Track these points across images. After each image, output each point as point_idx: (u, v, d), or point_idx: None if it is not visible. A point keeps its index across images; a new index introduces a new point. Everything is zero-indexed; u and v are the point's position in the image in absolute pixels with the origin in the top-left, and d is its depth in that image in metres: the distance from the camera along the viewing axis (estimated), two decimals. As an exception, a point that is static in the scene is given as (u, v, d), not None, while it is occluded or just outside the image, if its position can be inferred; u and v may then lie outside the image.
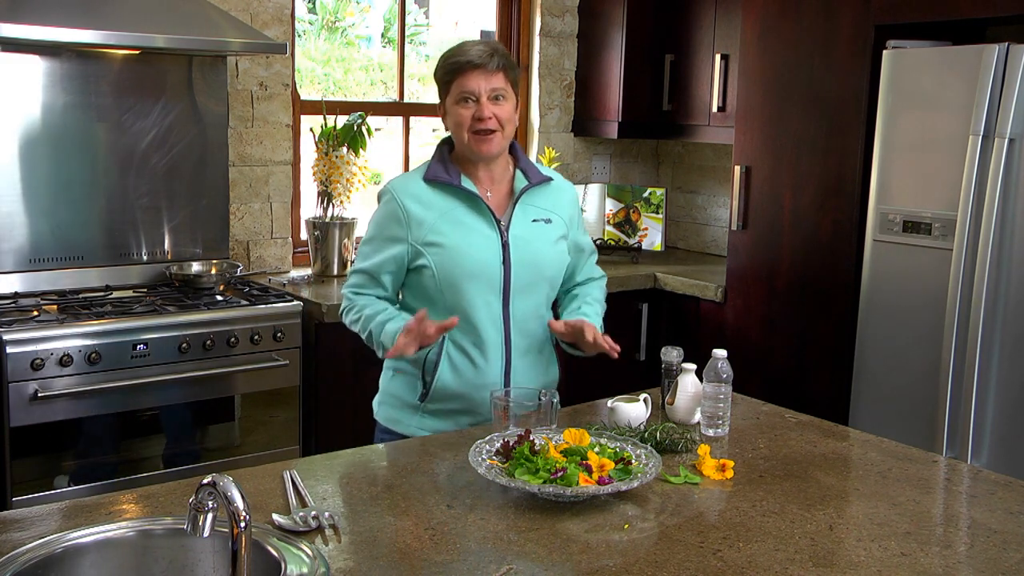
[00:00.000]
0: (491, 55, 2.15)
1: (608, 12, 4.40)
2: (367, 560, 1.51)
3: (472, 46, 2.17)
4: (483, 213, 2.20)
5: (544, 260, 2.25)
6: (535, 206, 2.26)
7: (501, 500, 1.74)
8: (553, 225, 2.28)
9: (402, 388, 2.28)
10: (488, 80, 2.15)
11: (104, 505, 1.68)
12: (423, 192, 2.20)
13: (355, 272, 2.28)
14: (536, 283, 2.24)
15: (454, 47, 2.21)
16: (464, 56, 2.15)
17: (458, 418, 2.23)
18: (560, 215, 2.30)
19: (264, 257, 3.81)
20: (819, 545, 1.61)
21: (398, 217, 2.19)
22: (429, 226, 2.17)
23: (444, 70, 2.19)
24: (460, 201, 2.20)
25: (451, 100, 2.19)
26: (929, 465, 2.02)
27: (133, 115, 3.41)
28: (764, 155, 3.63)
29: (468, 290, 2.16)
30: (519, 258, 2.20)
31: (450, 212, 2.19)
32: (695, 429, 2.14)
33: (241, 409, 3.17)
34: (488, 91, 2.15)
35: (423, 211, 2.18)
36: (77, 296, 3.25)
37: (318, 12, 4.76)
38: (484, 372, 2.21)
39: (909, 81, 3.10)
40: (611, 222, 4.52)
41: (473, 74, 2.14)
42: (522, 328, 2.23)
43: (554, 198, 2.31)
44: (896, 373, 3.18)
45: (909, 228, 3.12)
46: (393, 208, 2.20)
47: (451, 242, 2.17)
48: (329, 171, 3.68)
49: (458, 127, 2.18)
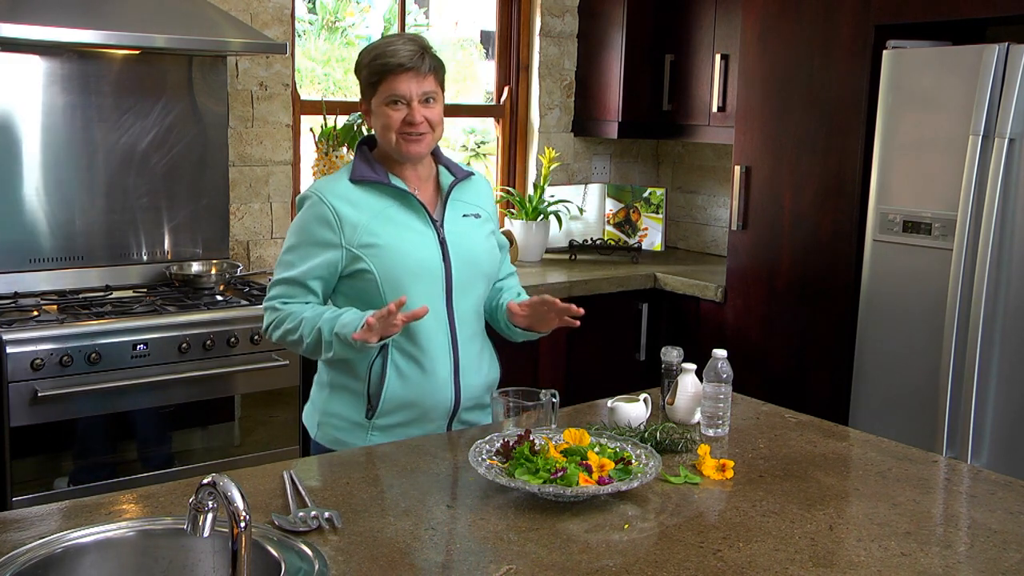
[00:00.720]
0: (422, 56, 2.07)
1: (608, 12, 4.40)
2: (367, 560, 1.51)
3: (401, 45, 2.07)
4: (416, 210, 2.14)
5: (481, 255, 2.22)
6: (462, 201, 2.22)
7: (501, 500, 1.74)
8: (482, 220, 2.25)
9: (344, 406, 2.17)
10: (419, 83, 2.08)
11: (104, 505, 1.68)
12: (351, 193, 2.11)
13: (277, 283, 2.14)
14: (476, 279, 2.21)
15: (378, 44, 2.11)
16: (394, 58, 2.06)
17: (408, 430, 2.14)
18: (486, 209, 2.28)
19: (264, 257, 3.81)
20: (819, 545, 1.61)
21: (327, 220, 2.08)
22: (363, 227, 2.09)
23: (371, 70, 2.09)
24: (391, 200, 2.13)
25: (378, 100, 2.09)
26: (929, 465, 2.02)
27: (133, 115, 3.41)
28: (764, 155, 3.63)
29: (412, 290, 2.07)
30: (458, 254, 2.15)
31: (382, 212, 2.11)
32: (695, 429, 2.14)
33: (241, 409, 3.17)
34: (419, 95, 2.08)
35: (354, 212, 2.09)
36: (77, 296, 3.25)
37: (318, 12, 4.76)
38: (433, 376, 2.14)
39: (909, 81, 3.10)
40: (611, 222, 4.52)
41: (404, 77, 2.06)
42: (466, 327, 2.18)
43: (477, 193, 2.27)
44: (896, 373, 3.18)
45: (909, 228, 3.12)
46: (321, 211, 2.09)
47: (388, 242, 2.09)
48: (329, 171, 3.68)
49: (386, 129, 2.10)
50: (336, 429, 2.18)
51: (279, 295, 2.14)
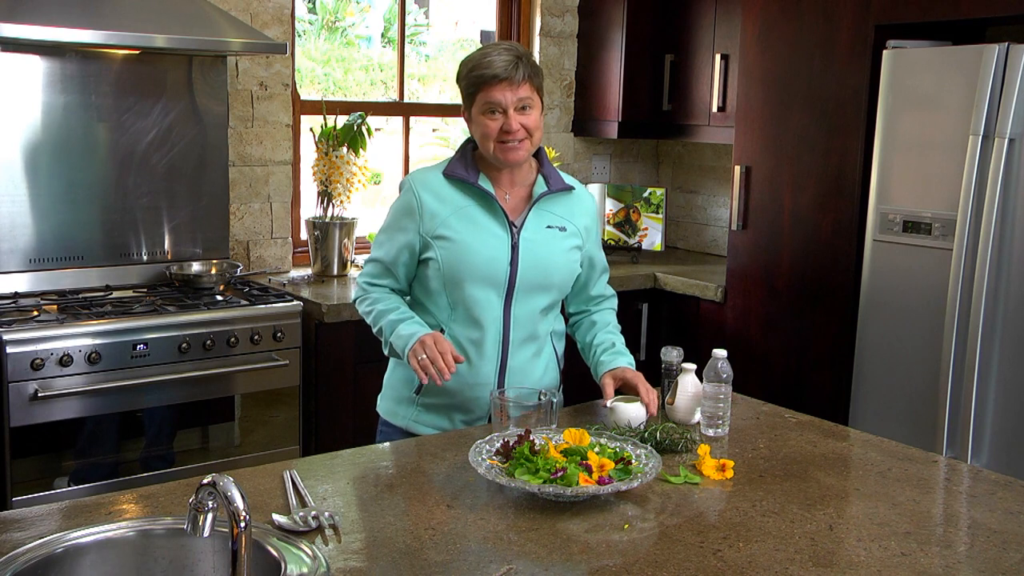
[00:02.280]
0: (516, 66, 2.11)
1: (608, 12, 4.40)
2: (367, 560, 1.51)
3: (497, 56, 2.11)
4: (496, 214, 2.20)
5: (553, 266, 2.24)
6: (551, 212, 2.25)
7: (501, 500, 1.74)
8: (567, 233, 2.27)
9: (400, 381, 2.31)
10: (515, 91, 2.12)
11: (104, 505, 1.68)
12: (440, 186, 2.21)
13: (371, 261, 2.29)
14: (542, 287, 2.24)
15: (477, 55, 2.16)
16: (490, 69, 2.11)
17: (451, 413, 2.25)
18: (576, 225, 2.29)
19: (264, 257, 3.81)
20: (819, 545, 1.61)
21: (412, 207, 2.20)
22: (441, 220, 2.18)
23: (468, 81, 2.15)
24: (475, 200, 2.21)
25: (477, 110, 2.16)
26: (929, 465, 2.02)
27: (133, 115, 3.41)
28: (764, 155, 3.63)
29: (472, 287, 2.17)
30: (527, 261, 2.20)
31: (464, 209, 2.19)
32: (695, 429, 2.14)
33: (241, 409, 3.17)
34: (515, 102, 2.12)
35: (437, 204, 2.19)
36: (77, 296, 3.25)
37: (318, 12, 4.77)
38: (478, 370, 2.21)
39: (909, 81, 3.10)
40: (611, 222, 4.52)
41: (500, 86, 2.11)
42: (521, 329, 2.23)
43: (572, 207, 2.29)
44: (896, 373, 3.18)
45: (909, 228, 3.12)
46: (409, 199, 2.22)
47: (460, 237, 2.17)
48: (329, 171, 3.68)
49: (484, 138, 2.16)
50: (391, 400, 2.33)
51: (369, 273, 2.29)
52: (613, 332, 2.37)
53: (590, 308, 2.41)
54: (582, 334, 2.40)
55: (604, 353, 2.31)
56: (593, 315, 2.40)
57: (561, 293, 2.31)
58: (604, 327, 2.37)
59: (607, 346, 2.32)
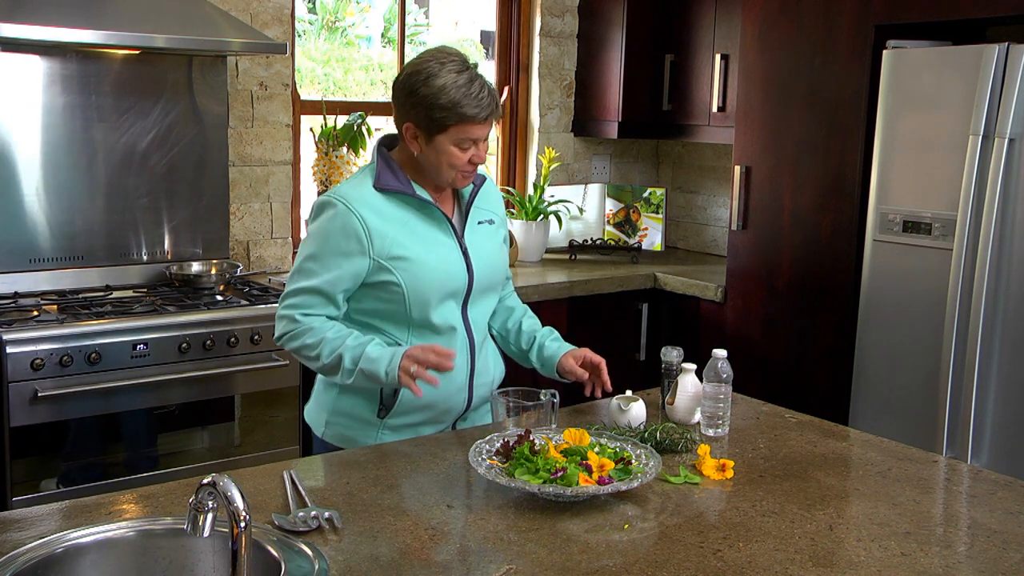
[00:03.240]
0: (495, 107, 2.08)
1: (608, 12, 4.40)
2: (367, 560, 1.51)
3: (483, 95, 2.04)
4: (439, 221, 2.14)
5: (498, 263, 2.24)
6: (478, 208, 2.23)
7: (501, 500, 1.74)
8: (495, 226, 2.26)
9: (355, 406, 2.16)
10: (487, 129, 2.09)
11: (104, 505, 1.68)
12: (376, 202, 2.08)
13: (298, 292, 2.08)
14: (492, 287, 2.24)
15: (460, 88, 2.02)
16: (479, 111, 2.03)
17: (419, 429, 2.16)
18: (498, 214, 2.29)
19: (264, 257, 3.81)
20: (819, 545, 1.61)
21: (355, 230, 2.04)
22: (392, 239, 2.07)
23: (447, 112, 2.03)
24: (413, 210, 2.11)
25: (446, 139, 2.05)
26: (929, 465, 2.02)
27: (133, 115, 3.41)
28: (764, 155, 3.63)
29: (436, 302, 2.10)
30: (479, 265, 2.17)
31: (408, 223, 2.10)
32: (695, 429, 2.14)
33: (241, 409, 3.17)
34: (484, 137, 2.10)
35: (382, 223, 2.07)
36: (77, 296, 3.25)
37: (318, 12, 4.76)
38: (451, 381, 2.13)
39: (909, 81, 3.10)
40: (611, 222, 4.52)
41: (482, 125, 2.07)
42: (480, 331, 2.21)
43: (488, 197, 2.28)
44: (896, 373, 3.18)
45: (909, 228, 3.12)
46: (348, 221, 2.05)
47: (417, 255, 2.08)
48: (329, 171, 3.69)
49: (450, 166, 2.07)
50: (346, 427, 2.17)
51: (299, 304, 2.09)
52: (535, 318, 2.38)
53: (509, 304, 2.39)
54: (500, 320, 2.35)
55: (547, 339, 2.30)
56: (505, 300, 2.38)
57: (500, 286, 2.30)
58: (524, 312, 2.37)
59: (545, 332, 2.32)
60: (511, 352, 2.37)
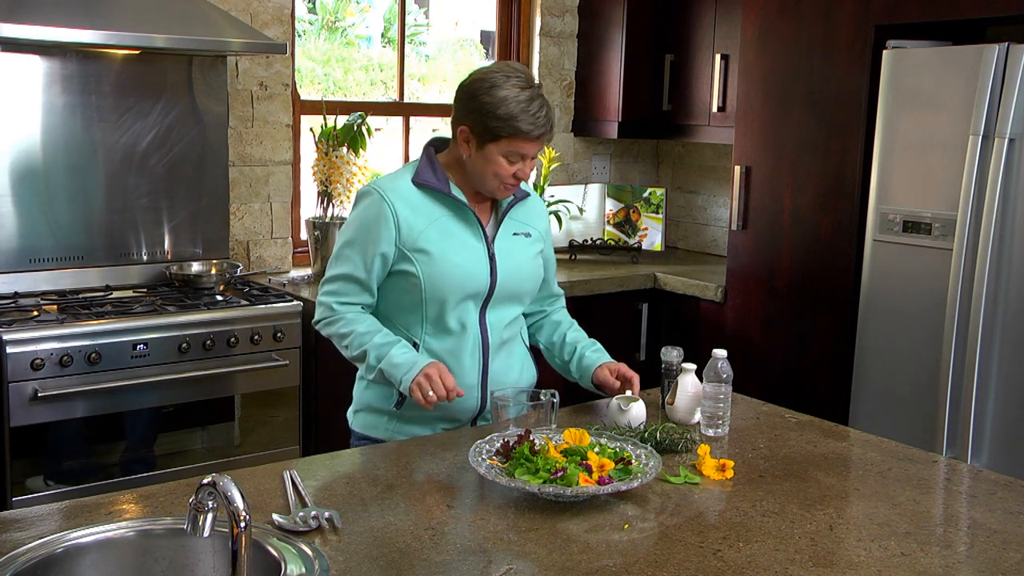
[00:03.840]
0: (550, 128, 2.11)
1: (608, 12, 4.40)
2: (367, 560, 1.51)
3: (542, 114, 2.08)
4: (471, 223, 2.18)
5: (526, 274, 2.27)
6: (515, 219, 2.27)
7: (501, 500, 1.74)
8: (532, 239, 2.29)
9: (375, 397, 2.24)
10: (538, 147, 2.13)
11: (104, 505, 1.68)
12: (412, 195, 2.15)
13: (337, 278, 2.18)
14: (515, 295, 2.26)
15: (520, 103, 2.07)
16: (529, 125, 2.07)
17: (434, 424, 2.21)
18: (537, 229, 2.32)
19: (264, 257, 3.81)
20: (819, 545, 1.61)
21: (388, 219, 2.12)
22: (419, 232, 2.13)
23: (500, 123, 2.07)
24: (447, 209, 2.17)
25: (497, 149, 2.09)
26: (929, 465, 2.02)
27: (133, 115, 3.41)
28: (764, 155, 3.63)
29: (453, 300, 2.15)
30: (504, 271, 2.20)
31: (439, 220, 2.15)
32: (695, 429, 2.14)
33: (241, 409, 3.17)
34: (533, 155, 2.13)
35: (413, 215, 2.14)
36: (77, 296, 3.25)
37: (318, 12, 4.76)
38: (460, 378, 2.16)
39: (909, 81, 3.10)
40: (611, 222, 4.52)
41: (533, 143, 2.10)
42: (496, 335, 2.23)
43: (530, 212, 2.32)
44: (896, 373, 3.18)
45: (909, 228, 3.12)
46: (383, 210, 2.13)
47: (440, 251, 2.14)
48: (329, 171, 3.68)
49: (495, 176, 2.12)
50: (368, 417, 2.26)
51: (336, 292, 2.18)
52: (581, 331, 2.40)
53: (546, 308, 2.43)
54: (546, 333, 2.40)
55: (588, 349, 2.33)
56: (552, 315, 2.42)
57: (530, 298, 2.33)
58: (570, 326, 2.40)
59: (587, 343, 2.35)
60: (555, 365, 2.41)
